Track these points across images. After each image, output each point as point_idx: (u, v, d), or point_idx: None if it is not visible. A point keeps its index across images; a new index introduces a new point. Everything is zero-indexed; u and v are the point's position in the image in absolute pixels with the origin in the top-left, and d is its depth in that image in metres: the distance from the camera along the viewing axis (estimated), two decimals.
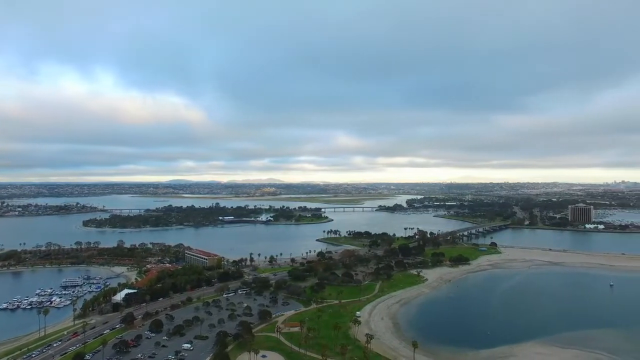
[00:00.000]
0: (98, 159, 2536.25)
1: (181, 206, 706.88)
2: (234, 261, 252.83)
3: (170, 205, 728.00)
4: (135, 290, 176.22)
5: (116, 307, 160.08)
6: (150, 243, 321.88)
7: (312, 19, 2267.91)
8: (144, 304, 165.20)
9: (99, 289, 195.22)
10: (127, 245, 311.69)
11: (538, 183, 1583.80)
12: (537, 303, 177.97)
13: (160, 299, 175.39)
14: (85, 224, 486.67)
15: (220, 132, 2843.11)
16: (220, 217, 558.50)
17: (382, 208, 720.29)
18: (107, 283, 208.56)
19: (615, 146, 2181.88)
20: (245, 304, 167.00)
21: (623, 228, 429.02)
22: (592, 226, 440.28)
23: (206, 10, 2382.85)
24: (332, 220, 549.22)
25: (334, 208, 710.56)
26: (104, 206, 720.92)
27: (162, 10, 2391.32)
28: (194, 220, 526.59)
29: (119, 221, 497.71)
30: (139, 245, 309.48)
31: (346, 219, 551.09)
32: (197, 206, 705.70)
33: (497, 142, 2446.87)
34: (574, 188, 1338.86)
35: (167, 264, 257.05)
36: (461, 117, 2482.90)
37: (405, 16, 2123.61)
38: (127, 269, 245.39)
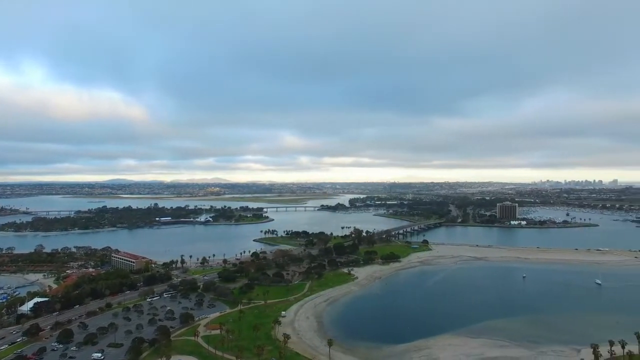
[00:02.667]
0: (25, 157, 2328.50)
1: (117, 207, 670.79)
2: (164, 263, 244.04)
3: (105, 206, 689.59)
4: (47, 299, 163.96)
5: (21, 318, 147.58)
6: (74, 247, 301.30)
7: (256, 18, 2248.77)
8: (56, 313, 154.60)
9: (4, 299, 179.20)
10: (48, 250, 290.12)
11: (475, 182, 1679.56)
12: (457, 297, 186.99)
13: (77, 306, 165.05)
14: (1, 227, 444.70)
15: (163, 130, 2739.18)
16: (157, 218, 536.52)
17: (324, 207, 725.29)
18: (16, 292, 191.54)
19: (540, 149, 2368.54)
20: (169, 308, 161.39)
21: (541, 224, 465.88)
22: (516, 222, 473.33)
23: (146, 4, 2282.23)
24: (273, 220, 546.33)
25: (277, 208, 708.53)
26: (27, 208, 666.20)
27: (97, 1, 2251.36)
28: (129, 222, 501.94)
29: (42, 224, 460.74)
30: (61, 250, 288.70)
31: (287, 219, 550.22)
32: (134, 207, 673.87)
33: (438, 143, 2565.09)
34: (507, 187, 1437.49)
35: (91, 269, 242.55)
36: (404, 119, 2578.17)
37: (350, 19, 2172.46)
38: (44, 275, 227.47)
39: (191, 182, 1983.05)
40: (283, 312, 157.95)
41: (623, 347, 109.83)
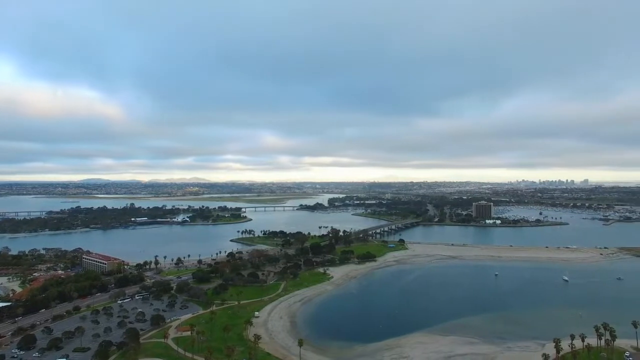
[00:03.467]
0: None
1: (91, 207, 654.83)
2: (138, 264, 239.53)
3: (79, 207, 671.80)
4: (9, 304, 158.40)
5: None
6: (43, 249, 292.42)
7: (236, 18, 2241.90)
8: (19, 318, 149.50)
9: None
10: (15, 252, 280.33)
11: (453, 182, 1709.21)
12: (430, 295, 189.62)
13: (43, 310, 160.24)
14: None
15: (141, 129, 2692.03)
16: (132, 219, 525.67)
17: (303, 207, 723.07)
18: None
19: (516, 149, 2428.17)
20: (140, 310, 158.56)
21: (515, 223, 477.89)
22: (491, 221, 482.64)
23: (123, 1, 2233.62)
24: (251, 219, 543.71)
25: (255, 208, 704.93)
26: None
27: None
28: (103, 222, 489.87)
29: (9, 226, 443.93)
30: (28, 252, 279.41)
31: (266, 219, 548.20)
32: (109, 207, 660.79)
33: (417, 143, 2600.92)
34: (484, 187, 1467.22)
35: (60, 271, 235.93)
36: (383, 119, 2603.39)
37: (329, 20, 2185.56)
38: (8, 279, 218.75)
39: (170, 182, 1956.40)
40: (256, 313, 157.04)
41: (583, 340, 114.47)
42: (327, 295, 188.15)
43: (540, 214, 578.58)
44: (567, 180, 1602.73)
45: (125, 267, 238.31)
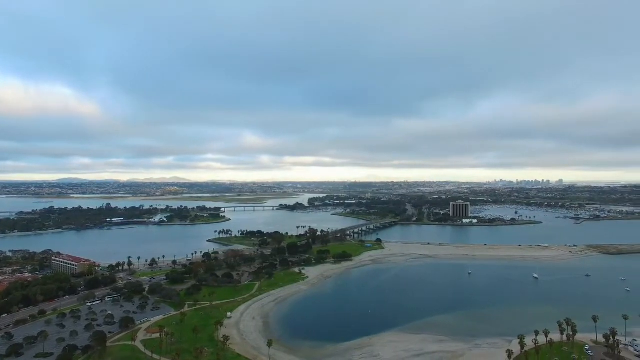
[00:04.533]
0: None
1: (65, 207, 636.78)
2: (110, 266, 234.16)
3: (52, 207, 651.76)
4: None
5: None
6: (10, 250, 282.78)
7: (216, 16, 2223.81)
8: None
9: None
10: None
11: (433, 182, 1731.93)
12: (404, 294, 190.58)
13: (5, 315, 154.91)
14: None
15: (119, 128, 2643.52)
16: (108, 219, 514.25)
17: (282, 207, 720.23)
18: None
19: (493, 149, 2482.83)
20: (109, 312, 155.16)
21: (491, 222, 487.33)
22: (467, 221, 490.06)
23: None
24: (230, 219, 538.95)
25: (235, 207, 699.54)
26: None
27: None
28: (77, 223, 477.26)
29: None
30: None
31: (245, 219, 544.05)
32: (85, 207, 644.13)
33: (397, 143, 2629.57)
34: (463, 186, 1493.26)
35: (27, 274, 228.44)
36: (364, 120, 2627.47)
37: (309, 20, 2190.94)
38: None
39: (149, 182, 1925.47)
40: (229, 313, 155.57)
41: (546, 335, 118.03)
42: (301, 295, 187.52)
43: (516, 213, 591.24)
44: (543, 180, 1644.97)
45: (97, 268, 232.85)
